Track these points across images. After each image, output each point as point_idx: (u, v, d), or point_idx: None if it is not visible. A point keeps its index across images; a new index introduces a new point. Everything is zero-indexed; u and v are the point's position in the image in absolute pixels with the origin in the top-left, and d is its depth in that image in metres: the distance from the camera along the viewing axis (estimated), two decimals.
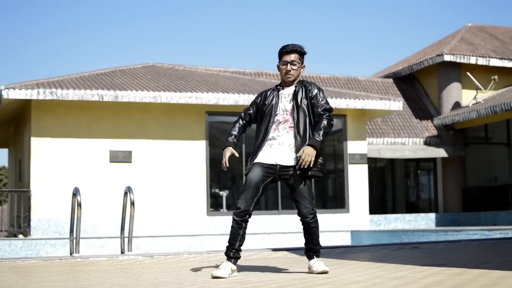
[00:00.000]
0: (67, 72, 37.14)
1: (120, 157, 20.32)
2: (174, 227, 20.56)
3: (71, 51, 65.70)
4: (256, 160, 6.79)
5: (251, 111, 7.08)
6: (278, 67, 7.05)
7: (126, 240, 11.92)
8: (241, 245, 6.74)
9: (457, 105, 27.77)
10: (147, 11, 66.06)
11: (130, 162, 20.42)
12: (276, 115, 6.86)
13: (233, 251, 6.70)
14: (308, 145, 6.68)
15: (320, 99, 6.90)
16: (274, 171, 6.78)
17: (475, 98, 27.37)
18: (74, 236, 11.61)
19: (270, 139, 6.81)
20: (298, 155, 6.67)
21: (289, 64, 6.91)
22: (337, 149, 23.10)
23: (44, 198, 19.63)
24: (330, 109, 6.90)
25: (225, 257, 6.73)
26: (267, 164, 6.76)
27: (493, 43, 30.22)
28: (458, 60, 27.60)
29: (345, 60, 67.30)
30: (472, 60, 27.80)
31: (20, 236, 19.60)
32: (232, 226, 6.72)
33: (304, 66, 7.04)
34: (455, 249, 9.78)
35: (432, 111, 28.66)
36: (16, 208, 20.41)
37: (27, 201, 19.73)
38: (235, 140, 6.99)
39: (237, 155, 6.88)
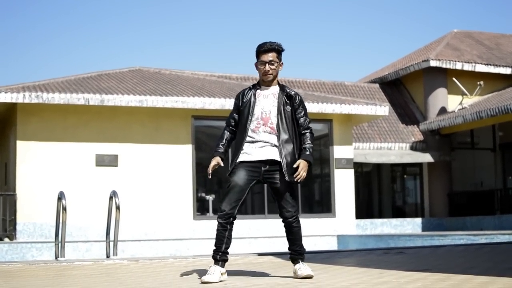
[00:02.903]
0: (53, 76, 36.93)
1: (106, 161, 20.28)
2: (160, 231, 20.53)
3: (57, 54, 65.43)
4: (240, 160, 6.74)
5: (235, 115, 6.97)
6: (256, 66, 6.92)
7: (111, 244, 11.91)
8: (227, 247, 6.72)
9: (443, 110, 27.86)
10: (134, 15, 65.89)
11: (116, 166, 20.38)
12: (254, 114, 6.79)
13: (219, 254, 6.69)
14: (303, 159, 6.76)
15: (304, 110, 6.93)
16: (259, 174, 6.75)
17: (461, 103, 27.47)
18: (59, 240, 11.60)
19: (252, 141, 6.77)
20: (294, 166, 6.69)
21: (267, 64, 6.79)
22: (323, 154, 23.13)
23: (30, 202, 19.57)
24: (310, 122, 7.00)
25: (213, 261, 6.72)
26: (252, 163, 6.72)
27: (479, 48, 30.35)
28: (444, 66, 27.71)
29: (331, 65, 67.35)
30: (458, 66, 27.92)
31: (6, 239, 19.53)
32: (217, 229, 6.69)
33: (282, 63, 6.94)
34: (440, 254, 9.80)
35: (418, 116, 28.75)
36: (1, 212, 20.33)
37: (13, 205, 19.66)
38: (223, 149, 6.89)
39: (222, 164, 6.80)
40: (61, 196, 11.55)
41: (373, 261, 8.92)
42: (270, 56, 6.80)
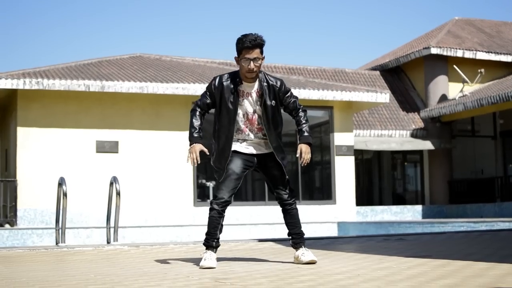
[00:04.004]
0: (53, 62, 36.94)
1: (107, 147, 20.29)
2: (161, 217, 20.56)
3: (58, 41, 65.46)
4: (234, 149, 6.68)
5: (209, 101, 6.75)
6: (236, 60, 6.59)
7: (112, 230, 11.91)
8: (220, 234, 6.73)
9: (443, 97, 27.84)
10: (135, 1, 65.87)
11: (117, 152, 20.39)
12: (238, 115, 6.66)
13: (215, 241, 6.69)
14: (304, 143, 6.71)
15: (290, 94, 6.79)
16: (252, 164, 6.76)
17: (461, 91, 27.45)
18: (60, 226, 11.60)
19: (241, 140, 6.73)
20: (297, 155, 6.67)
21: (251, 62, 6.46)
22: (324, 141, 23.13)
23: (30, 188, 19.59)
24: (297, 100, 6.89)
25: (204, 248, 6.70)
26: (245, 154, 6.72)
27: (480, 36, 30.30)
28: (444, 53, 27.67)
29: (332, 52, 67.40)
30: (459, 53, 27.88)
31: (7, 225, 19.55)
32: (212, 216, 6.66)
33: (264, 57, 6.61)
34: (440, 241, 9.81)
35: (418, 104, 28.72)
36: (2, 198, 20.36)
37: (14, 191, 19.68)
38: (201, 134, 6.75)
39: (207, 153, 6.70)
40: (61, 182, 11.55)
41: (373, 247, 8.93)
42: (255, 53, 6.46)
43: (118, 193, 11.54)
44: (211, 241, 6.67)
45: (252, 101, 6.67)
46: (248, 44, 6.45)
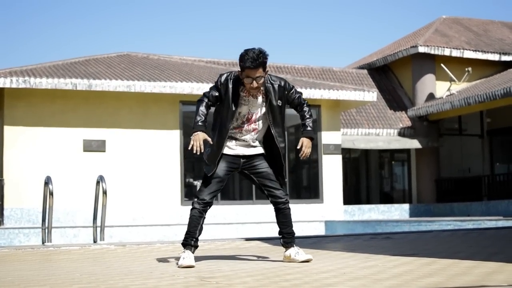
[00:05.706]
0: (40, 61, 36.83)
1: (94, 146, 20.24)
2: (148, 216, 20.52)
3: (45, 40, 65.37)
4: (222, 152, 6.69)
5: (216, 94, 6.69)
6: (240, 75, 6.55)
7: (98, 229, 11.89)
8: (199, 235, 6.72)
9: (431, 96, 27.90)
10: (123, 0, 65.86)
11: (104, 151, 20.34)
12: (240, 113, 6.65)
13: (194, 240, 6.68)
14: (306, 137, 6.77)
15: (295, 91, 6.85)
16: (238, 165, 6.79)
17: (449, 89, 27.52)
18: (46, 225, 11.57)
19: (234, 139, 6.74)
20: (298, 147, 6.73)
21: (254, 81, 6.45)
22: None
23: (17, 187, 19.51)
24: (302, 95, 6.95)
25: (182, 248, 6.69)
26: (232, 156, 6.74)
27: (467, 35, 30.37)
28: (432, 52, 27.73)
29: (319, 51, 67.53)
30: (446, 52, 27.94)
31: None
32: (192, 215, 6.66)
33: (267, 71, 6.60)
34: (426, 239, 9.83)
35: (406, 102, 28.77)
36: None
37: (0, 190, 19.60)
38: (206, 124, 6.65)
39: (211, 142, 6.62)
40: (47, 181, 11.52)
41: (360, 246, 8.94)
42: (258, 72, 6.44)
43: (104, 192, 11.53)
44: (190, 240, 6.67)
45: (256, 102, 6.68)
46: (250, 65, 6.39)
